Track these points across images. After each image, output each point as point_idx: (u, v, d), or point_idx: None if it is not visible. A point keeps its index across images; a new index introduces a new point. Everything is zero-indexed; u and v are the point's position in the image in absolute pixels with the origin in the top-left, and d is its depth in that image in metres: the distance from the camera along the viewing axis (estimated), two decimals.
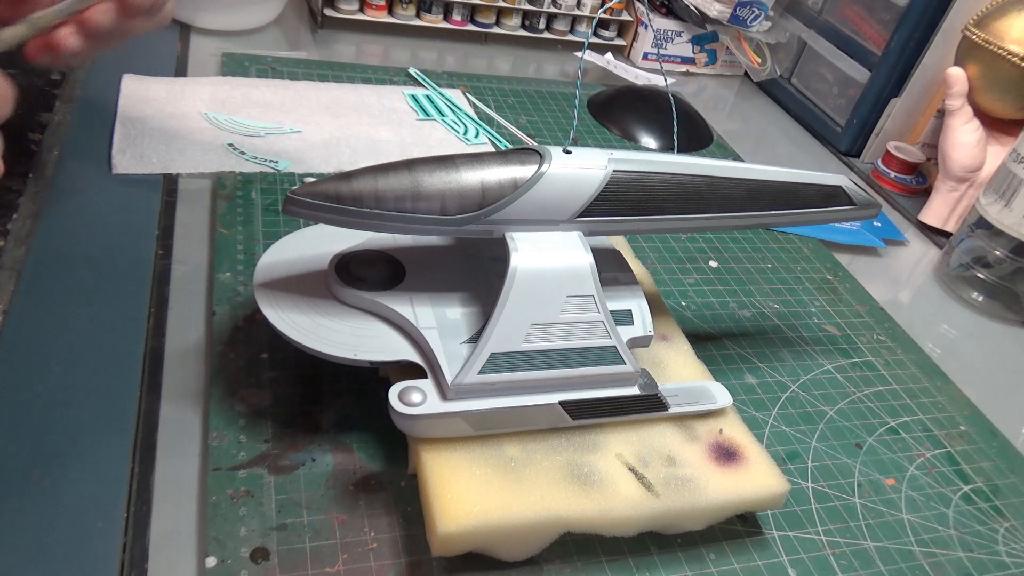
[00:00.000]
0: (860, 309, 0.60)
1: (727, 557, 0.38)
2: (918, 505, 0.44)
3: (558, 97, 0.79)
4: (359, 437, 0.39)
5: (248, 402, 0.39)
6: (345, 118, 0.65)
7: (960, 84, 0.70)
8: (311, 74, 0.71)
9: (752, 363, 0.51)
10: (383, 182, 0.34)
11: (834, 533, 0.41)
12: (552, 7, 0.89)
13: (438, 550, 0.33)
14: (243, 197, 0.53)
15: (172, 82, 0.64)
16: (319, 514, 0.35)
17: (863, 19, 0.83)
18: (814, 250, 0.66)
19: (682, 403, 0.40)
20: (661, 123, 0.77)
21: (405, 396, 0.34)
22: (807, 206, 0.43)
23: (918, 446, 0.48)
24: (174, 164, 0.55)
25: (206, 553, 0.33)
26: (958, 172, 0.70)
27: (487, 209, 0.35)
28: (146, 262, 0.47)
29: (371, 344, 0.36)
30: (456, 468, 0.34)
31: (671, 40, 0.93)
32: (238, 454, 0.37)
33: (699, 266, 0.60)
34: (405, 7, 0.84)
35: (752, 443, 0.39)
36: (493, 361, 0.35)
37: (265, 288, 0.38)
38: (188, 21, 0.74)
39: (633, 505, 0.35)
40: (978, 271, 0.64)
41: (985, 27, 0.69)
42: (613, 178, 0.37)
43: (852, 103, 0.83)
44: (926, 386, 0.53)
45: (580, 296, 0.36)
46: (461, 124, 0.69)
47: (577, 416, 0.37)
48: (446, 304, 0.38)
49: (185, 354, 0.42)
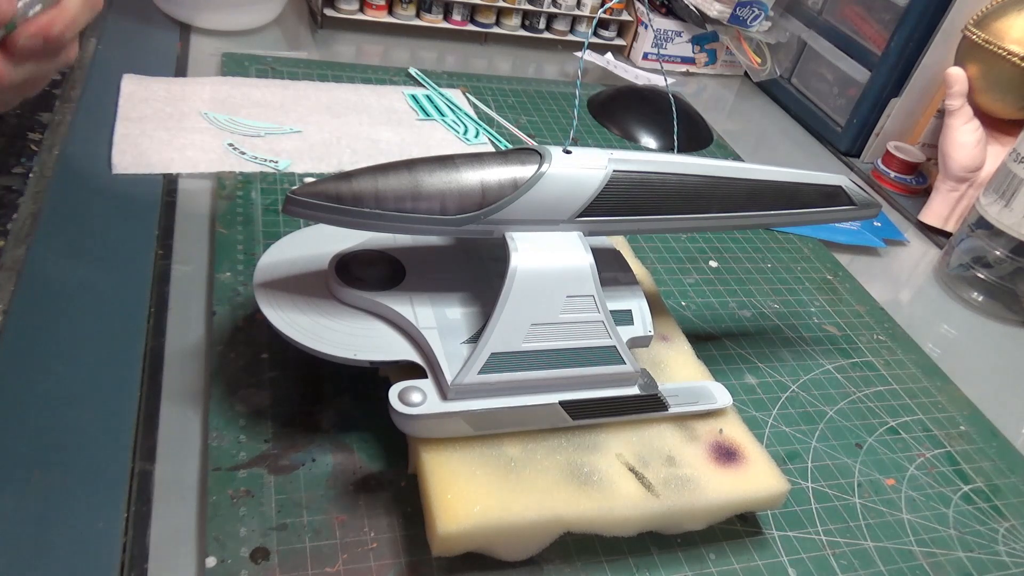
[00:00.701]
0: (860, 309, 0.60)
1: (727, 557, 0.38)
2: (918, 505, 0.44)
3: (558, 97, 0.79)
4: (359, 437, 0.39)
5: (248, 402, 0.39)
6: (345, 118, 0.65)
7: (960, 84, 0.70)
8: (311, 74, 0.71)
9: (752, 363, 0.51)
10: (383, 182, 0.34)
11: (834, 533, 0.41)
12: (552, 7, 0.89)
13: (438, 550, 0.33)
14: (243, 197, 0.53)
15: (172, 82, 0.64)
16: (319, 514, 0.35)
17: (863, 19, 0.83)
18: (814, 250, 0.66)
19: (682, 403, 0.40)
20: (661, 123, 0.77)
21: (405, 396, 0.34)
22: (807, 206, 0.43)
23: (918, 446, 0.48)
24: (174, 164, 0.55)
25: (206, 553, 0.33)
26: (958, 172, 0.70)
27: (487, 209, 0.35)
28: (146, 262, 0.47)
29: (371, 344, 0.36)
30: (456, 468, 0.34)
31: (671, 40, 0.93)
32: (238, 454, 0.37)
33: (699, 266, 0.60)
34: (405, 7, 0.84)
35: (752, 443, 0.39)
36: (493, 361, 0.35)
37: (265, 288, 0.38)
38: (188, 21, 0.74)
39: (633, 505, 0.35)
40: (978, 271, 0.64)
41: (985, 27, 0.69)
42: (613, 178, 0.37)
43: (852, 103, 0.83)
44: (926, 386, 0.53)
45: (580, 296, 0.36)
46: (461, 124, 0.69)
47: (577, 416, 0.37)
48: (446, 304, 0.38)
49: (185, 354, 0.42)
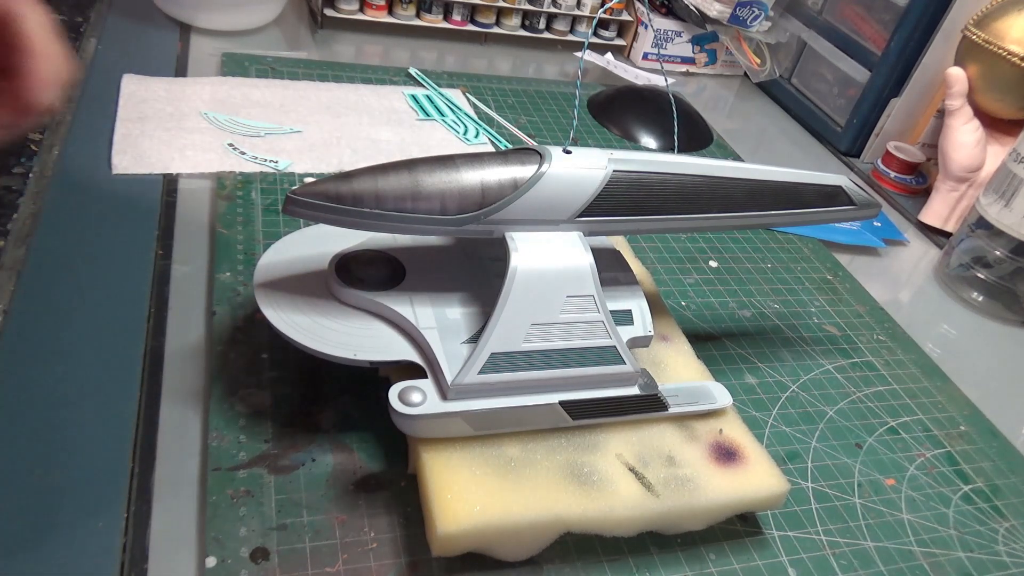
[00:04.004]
0: (860, 309, 0.60)
1: (727, 557, 0.38)
2: (918, 505, 0.44)
3: (558, 97, 0.79)
4: (359, 437, 0.39)
5: (248, 402, 0.39)
6: (345, 118, 0.65)
7: (960, 84, 0.70)
8: (311, 74, 0.71)
9: (752, 363, 0.51)
10: (383, 182, 0.34)
11: (834, 533, 0.41)
12: (552, 7, 0.89)
13: (438, 550, 0.33)
14: (243, 197, 0.53)
15: (172, 82, 0.64)
16: (319, 514, 0.35)
17: (863, 19, 0.83)
18: (814, 250, 0.66)
19: (682, 403, 0.40)
20: (661, 123, 0.77)
21: (405, 396, 0.34)
22: (807, 206, 0.43)
23: (918, 446, 0.48)
24: (174, 164, 0.55)
25: (206, 553, 0.33)
26: (958, 172, 0.70)
27: (487, 209, 0.35)
28: (146, 262, 0.47)
29: (371, 344, 0.36)
30: (456, 468, 0.34)
31: (671, 40, 0.93)
32: (238, 454, 0.37)
33: (699, 266, 0.60)
34: (405, 7, 0.84)
35: (752, 443, 0.39)
36: (493, 361, 0.35)
37: (265, 288, 0.38)
38: (188, 21, 0.74)
39: (633, 505, 0.35)
40: (978, 271, 0.64)
41: (985, 27, 0.69)
42: (613, 178, 0.37)
43: (852, 103, 0.83)
44: (926, 386, 0.53)
45: (580, 296, 0.36)
46: (461, 124, 0.69)
47: (577, 416, 0.37)
48: (446, 304, 0.38)
49: (185, 354, 0.42)
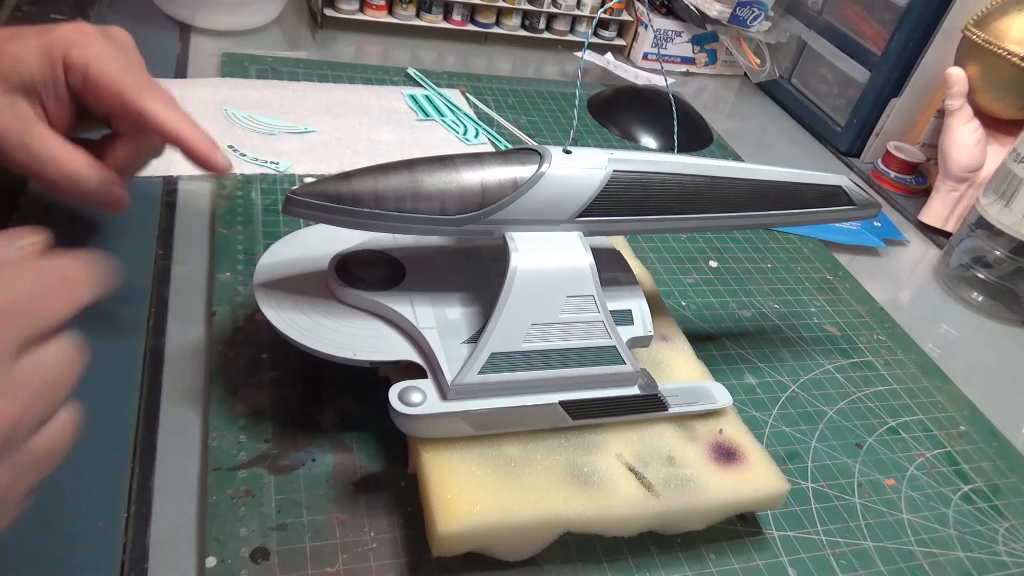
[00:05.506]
0: (860, 309, 0.60)
1: (727, 557, 0.38)
2: (918, 505, 0.44)
3: (558, 97, 0.79)
4: (359, 437, 0.39)
5: (248, 402, 0.39)
6: (345, 118, 0.65)
7: (960, 84, 0.70)
8: (311, 74, 0.71)
9: (752, 363, 0.51)
10: (383, 182, 0.34)
11: (834, 533, 0.41)
12: (552, 7, 0.89)
13: (438, 550, 0.33)
14: (243, 197, 0.53)
15: (172, 82, 0.64)
16: (319, 514, 0.35)
17: (863, 19, 0.83)
18: (814, 250, 0.66)
19: (682, 403, 0.40)
20: (661, 123, 0.77)
21: (405, 396, 0.34)
22: (807, 206, 0.43)
23: (918, 446, 0.48)
24: (174, 165, 0.55)
25: (206, 553, 0.33)
26: (958, 172, 0.70)
27: (487, 209, 0.35)
28: (146, 262, 0.47)
29: (371, 344, 0.36)
30: (456, 468, 0.34)
31: (671, 40, 0.93)
32: (238, 454, 0.37)
33: (699, 266, 0.60)
34: (405, 7, 0.84)
35: (752, 443, 0.39)
36: (493, 361, 0.35)
37: (265, 288, 0.38)
38: (188, 21, 0.74)
39: (633, 505, 0.35)
40: (978, 271, 0.64)
41: (985, 27, 0.69)
42: (613, 178, 0.37)
43: (852, 103, 0.83)
44: (926, 386, 0.53)
45: (580, 296, 0.36)
46: (461, 124, 0.69)
47: (577, 416, 0.37)
48: (446, 304, 0.38)
49: (185, 354, 0.42)
